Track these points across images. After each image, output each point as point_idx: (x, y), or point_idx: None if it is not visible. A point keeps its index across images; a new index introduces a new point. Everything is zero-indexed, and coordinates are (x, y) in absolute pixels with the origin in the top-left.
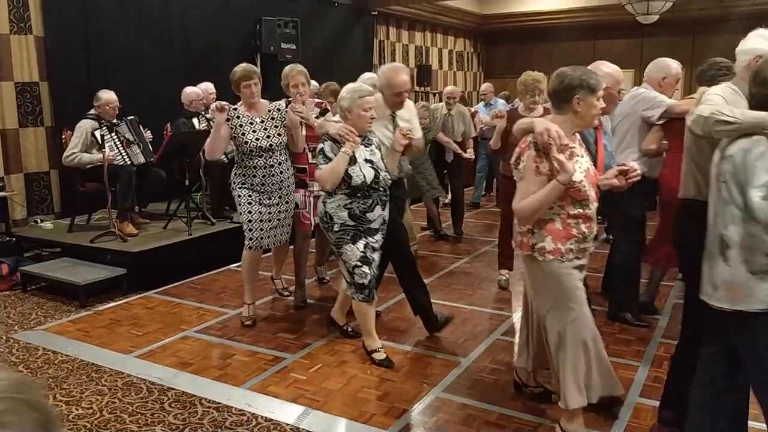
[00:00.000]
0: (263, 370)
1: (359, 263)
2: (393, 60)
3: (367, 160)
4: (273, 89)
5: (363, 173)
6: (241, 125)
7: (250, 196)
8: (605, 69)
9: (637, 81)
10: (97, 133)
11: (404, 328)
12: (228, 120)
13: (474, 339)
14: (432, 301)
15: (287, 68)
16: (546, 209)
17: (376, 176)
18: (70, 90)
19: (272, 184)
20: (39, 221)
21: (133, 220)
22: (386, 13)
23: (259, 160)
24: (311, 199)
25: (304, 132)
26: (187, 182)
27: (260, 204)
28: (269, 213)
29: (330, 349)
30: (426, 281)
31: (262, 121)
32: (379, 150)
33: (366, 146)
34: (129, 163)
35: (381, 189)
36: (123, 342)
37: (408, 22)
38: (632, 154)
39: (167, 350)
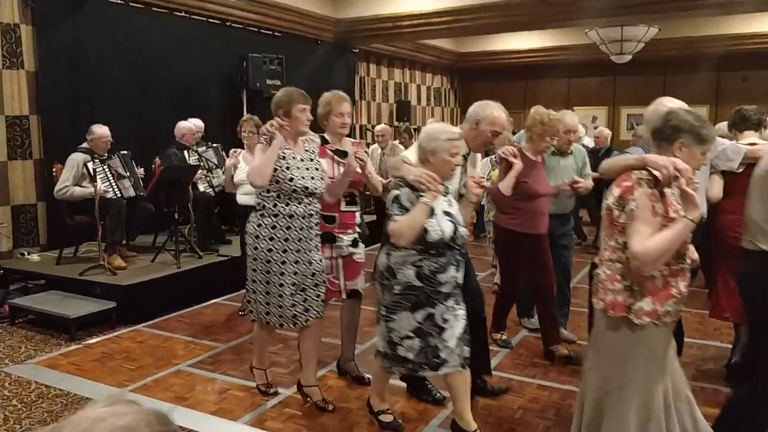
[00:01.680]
0: (258, 404)
1: (411, 334)
2: (374, 95)
3: (445, 213)
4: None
5: (441, 228)
6: (284, 157)
7: (283, 262)
8: (669, 105)
9: (611, 117)
10: (90, 165)
11: None
12: None
13: None
14: None
15: (328, 94)
16: (672, 253)
17: (455, 232)
18: (58, 124)
19: (310, 240)
20: (26, 253)
21: (121, 253)
22: (367, 51)
23: (298, 207)
24: (339, 261)
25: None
26: (176, 215)
27: (296, 274)
28: (306, 283)
29: (323, 384)
30: None
31: (302, 159)
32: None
33: (443, 195)
34: (119, 196)
35: (457, 247)
36: (116, 376)
37: (388, 59)
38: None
39: (161, 384)
